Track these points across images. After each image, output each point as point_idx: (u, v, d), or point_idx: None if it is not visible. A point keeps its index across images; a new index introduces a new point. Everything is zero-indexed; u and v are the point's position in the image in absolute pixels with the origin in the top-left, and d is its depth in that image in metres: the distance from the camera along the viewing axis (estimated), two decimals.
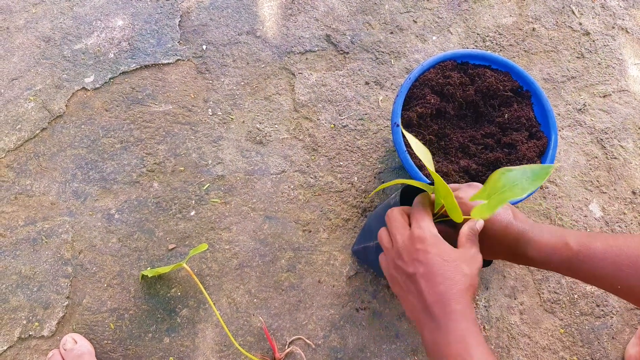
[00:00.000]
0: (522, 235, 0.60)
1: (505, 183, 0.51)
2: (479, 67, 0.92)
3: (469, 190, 0.63)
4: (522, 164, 0.85)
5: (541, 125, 0.90)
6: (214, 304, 0.92)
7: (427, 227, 0.56)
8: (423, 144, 0.88)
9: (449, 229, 0.61)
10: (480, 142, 0.89)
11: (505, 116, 0.89)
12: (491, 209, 0.52)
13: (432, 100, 0.88)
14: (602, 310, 0.99)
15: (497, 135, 0.89)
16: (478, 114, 0.92)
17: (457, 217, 0.55)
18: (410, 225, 0.59)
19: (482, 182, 0.87)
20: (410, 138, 0.62)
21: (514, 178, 0.51)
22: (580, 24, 1.19)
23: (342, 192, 1.01)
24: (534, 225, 0.61)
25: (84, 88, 1.03)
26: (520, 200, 0.49)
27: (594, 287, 1.00)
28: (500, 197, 0.51)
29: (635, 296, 0.55)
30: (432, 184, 0.67)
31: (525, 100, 0.90)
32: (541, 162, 0.87)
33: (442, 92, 0.89)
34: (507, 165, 0.86)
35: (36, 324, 0.89)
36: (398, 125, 0.85)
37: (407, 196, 0.73)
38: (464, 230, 0.56)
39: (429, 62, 0.90)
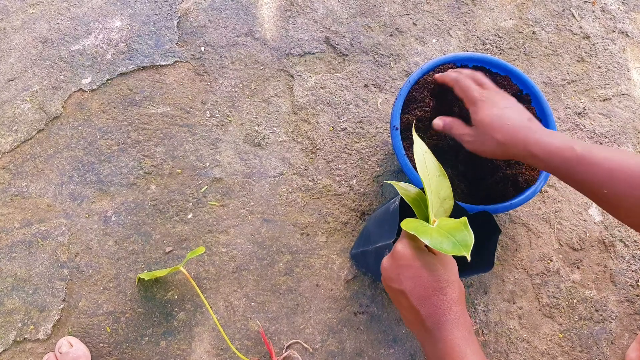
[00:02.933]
0: (531, 134, 0.64)
1: (456, 233, 0.52)
2: (479, 70, 0.91)
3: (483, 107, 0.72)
4: (521, 168, 0.85)
5: None
6: (211, 307, 0.91)
7: (408, 242, 0.56)
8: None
9: None
10: None
11: None
12: (418, 233, 0.52)
13: (431, 104, 0.87)
14: (601, 315, 0.99)
15: None
16: None
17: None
18: None
19: (484, 186, 0.86)
20: (417, 140, 0.62)
21: (458, 236, 0.51)
22: (581, 27, 1.18)
23: (340, 195, 1.00)
24: (545, 129, 0.65)
25: (81, 89, 1.02)
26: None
27: (593, 291, 1.00)
28: (433, 236, 0.52)
29: (616, 204, 0.57)
30: None
31: (525, 104, 0.90)
32: None
33: (442, 95, 0.89)
34: (506, 170, 0.85)
35: (31, 327, 0.88)
36: (397, 129, 0.85)
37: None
38: None
39: (428, 65, 0.89)
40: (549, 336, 0.97)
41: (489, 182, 0.86)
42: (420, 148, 0.62)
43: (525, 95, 0.90)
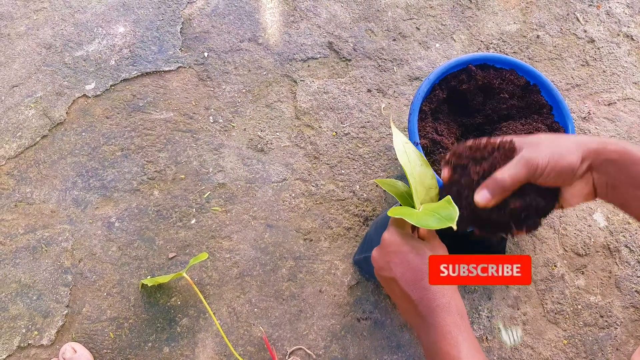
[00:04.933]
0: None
1: (441, 210, 0.52)
2: (483, 68, 0.91)
3: (533, 150, 0.52)
4: None
5: (555, 117, 0.89)
6: (214, 313, 0.91)
7: (395, 230, 0.55)
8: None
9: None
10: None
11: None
12: (405, 216, 0.52)
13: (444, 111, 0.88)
14: (606, 321, 0.98)
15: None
16: (500, 116, 0.92)
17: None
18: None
19: None
20: (396, 132, 0.62)
21: (443, 212, 0.51)
22: (585, 31, 1.18)
23: (343, 200, 1.00)
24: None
25: (84, 95, 1.02)
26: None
27: (598, 297, 0.99)
28: (422, 216, 0.52)
29: None
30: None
31: (534, 95, 0.90)
32: None
33: (454, 101, 0.90)
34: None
35: (35, 332, 0.88)
36: (418, 144, 0.84)
37: None
38: None
39: (435, 75, 0.89)
40: (554, 342, 0.96)
41: None
42: (399, 139, 0.62)
43: (533, 85, 0.90)
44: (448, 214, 0.50)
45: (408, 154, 0.61)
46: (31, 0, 1.08)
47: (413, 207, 0.59)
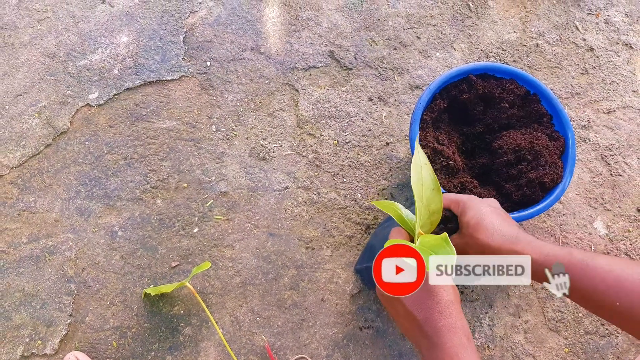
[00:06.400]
0: (522, 237, 0.57)
1: (438, 249, 0.52)
2: (483, 77, 0.92)
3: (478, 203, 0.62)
4: (545, 169, 0.86)
5: (555, 126, 0.90)
6: (216, 322, 0.92)
7: None
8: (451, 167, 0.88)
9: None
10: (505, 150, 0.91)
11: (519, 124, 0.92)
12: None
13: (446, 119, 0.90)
14: (607, 329, 0.98)
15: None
16: (500, 125, 0.93)
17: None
18: None
19: (509, 193, 0.87)
20: (418, 152, 0.61)
21: (441, 252, 0.52)
22: (584, 39, 1.19)
23: (345, 208, 1.01)
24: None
25: (88, 104, 1.03)
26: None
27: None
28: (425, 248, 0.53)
29: (633, 318, 0.50)
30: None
31: (534, 104, 0.91)
32: (562, 163, 0.88)
33: (455, 110, 0.91)
34: (529, 173, 0.87)
35: (39, 342, 0.89)
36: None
37: None
38: None
39: (436, 85, 0.89)
40: (555, 350, 0.96)
41: (515, 188, 0.87)
42: (420, 160, 0.61)
43: (534, 95, 0.91)
44: (446, 254, 0.51)
45: (423, 176, 0.60)
46: (35, 10, 1.09)
47: (412, 230, 0.59)
